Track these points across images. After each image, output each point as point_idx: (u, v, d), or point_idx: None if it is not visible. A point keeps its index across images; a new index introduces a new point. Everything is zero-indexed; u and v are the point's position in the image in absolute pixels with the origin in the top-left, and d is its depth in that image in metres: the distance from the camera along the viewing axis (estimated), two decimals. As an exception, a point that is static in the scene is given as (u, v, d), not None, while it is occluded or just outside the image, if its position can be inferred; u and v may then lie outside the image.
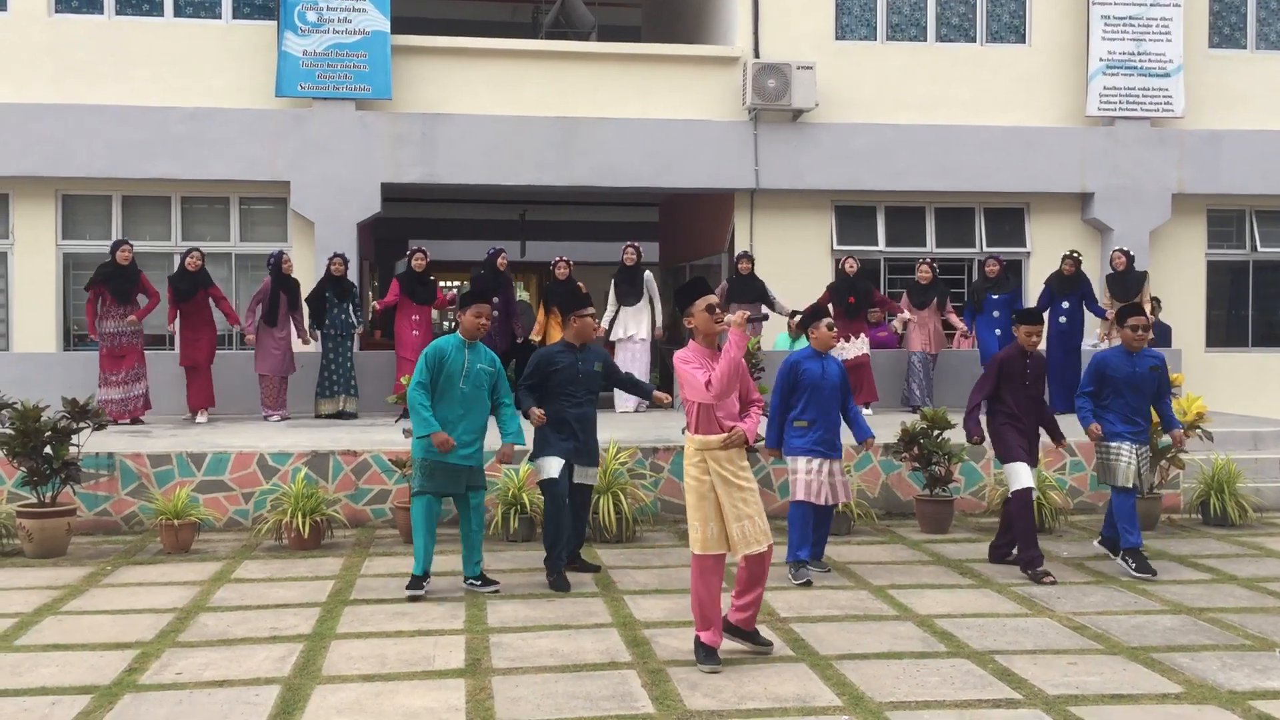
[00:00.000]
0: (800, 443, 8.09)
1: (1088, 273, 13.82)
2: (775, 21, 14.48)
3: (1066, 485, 10.48)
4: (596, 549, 8.98)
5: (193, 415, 12.42)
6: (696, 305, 6.13)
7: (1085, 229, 15.23)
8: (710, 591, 6.12)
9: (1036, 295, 13.77)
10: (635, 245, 13.58)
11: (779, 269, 14.12)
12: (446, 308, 13.30)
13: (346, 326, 12.74)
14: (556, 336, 11.13)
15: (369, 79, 13.68)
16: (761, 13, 14.47)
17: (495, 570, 8.10)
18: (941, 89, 14.78)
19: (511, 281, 13.99)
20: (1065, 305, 13.07)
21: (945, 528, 9.83)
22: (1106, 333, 13.35)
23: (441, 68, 14.13)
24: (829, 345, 8.19)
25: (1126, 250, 13.37)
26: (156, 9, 13.74)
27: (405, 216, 19.61)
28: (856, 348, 12.83)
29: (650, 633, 6.69)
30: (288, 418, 12.58)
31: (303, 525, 8.91)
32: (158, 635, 6.66)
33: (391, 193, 14.34)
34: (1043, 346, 9.07)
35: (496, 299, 13.20)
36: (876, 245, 15.01)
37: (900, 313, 13.19)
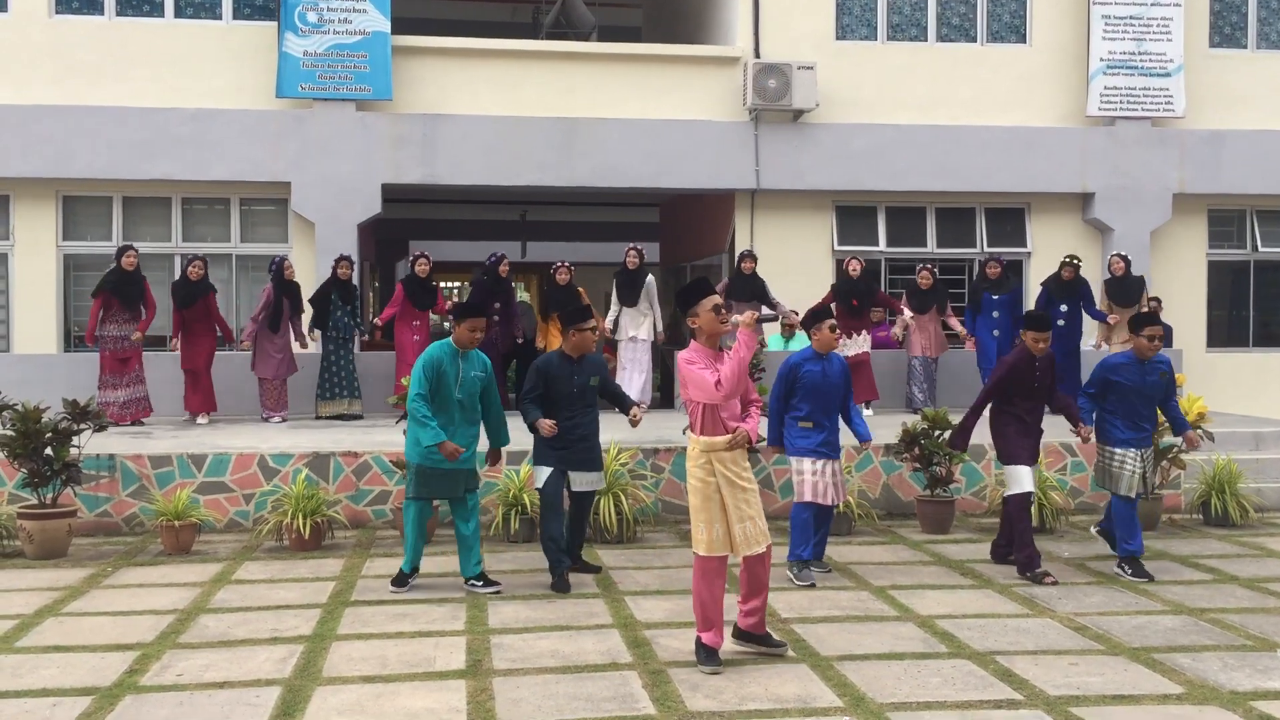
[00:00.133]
0: (805, 444, 8.09)
1: (1088, 274, 13.84)
2: (776, 22, 14.47)
3: (1067, 485, 10.48)
4: (597, 550, 8.99)
5: (193, 416, 12.43)
6: (702, 305, 6.07)
7: (1086, 229, 15.22)
8: (713, 593, 6.12)
9: (1034, 297, 13.81)
10: (638, 249, 13.55)
11: (780, 269, 14.11)
12: (447, 316, 13.29)
13: (349, 329, 12.77)
14: (557, 342, 11.11)
15: (369, 80, 13.68)
16: (762, 13, 14.47)
17: (496, 571, 8.11)
18: (942, 89, 14.77)
19: (512, 286, 13.97)
20: (1063, 308, 13.07)
21: (946, 528, 9.83)
22: (1105, 336, 13.34)
23: (442, 68, 14.12)
24: (831, 347, 8.18)
25: (1125, 255, 13.36)
26: (157, 10, 13.74)
27: (406, 217, 19.60)
28: (858, 345, 12.86)
29: (651, 634, 6.69)
30: (288, 419, 12.59)
31: (303, 526, 8.92)
32: (158, 636, 6.66)
33: (392, 193, 14.34)
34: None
35: (498, 304, 13.22)
36: (877, 245, 15.01)
37: (901, 313, 13.17)
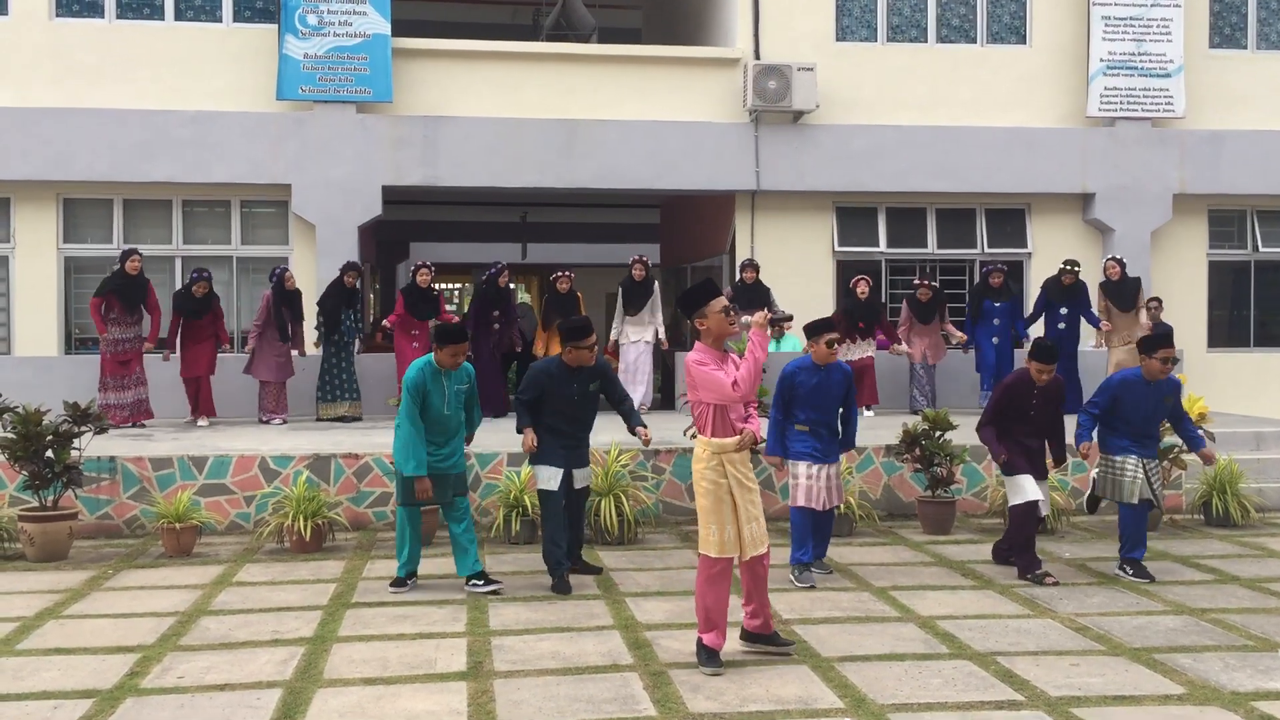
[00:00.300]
0: (801, 447, 8.08)
1: (1089, 274, 13.83)
2: (776, 23, 14.48)
3: (1069, 486, 10.47)
4: (598, 551, 8.98)
5: (193, 419, 12.43)
6: (711, 307, 6.05)
7: (1086, 229, 15.22)
8: (720, 596, 6.11)
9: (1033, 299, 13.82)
10: (644, 260, 13.53)
11: (780, 270, 14.12)
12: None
13: (350, 332, 12.80)
14: (557, 348, 11.08)
15: (370, 82, 13.68)
16: (762, 14, 14.47)
17: (497, 573, 8.09)
18: (942, 90, 14.78)
19: (511, 294, 13.96)
20: (1063, 311, 13.08)
21: (947, 529, 9.82)
22: (1103, 339, 13.36)
23: (442, 70, 14.13)
24: (828, 360, 8.14)
25: (1120, 259, 13.35)
26: (157, 12, 13.75)
27: (406, 219, 19.60)
28: (861, 349, 12.91)
29: (652, 635, 6.69)
30: (288, 421, 12.59)
31: (304, 528, 8.92)
32: (159, 639, 6.66)
33: (392, 195, 14.34)
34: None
35: (497, 312, 13.23)
36: (878, 246, 15.01)
37: (900, 343, 13.20)
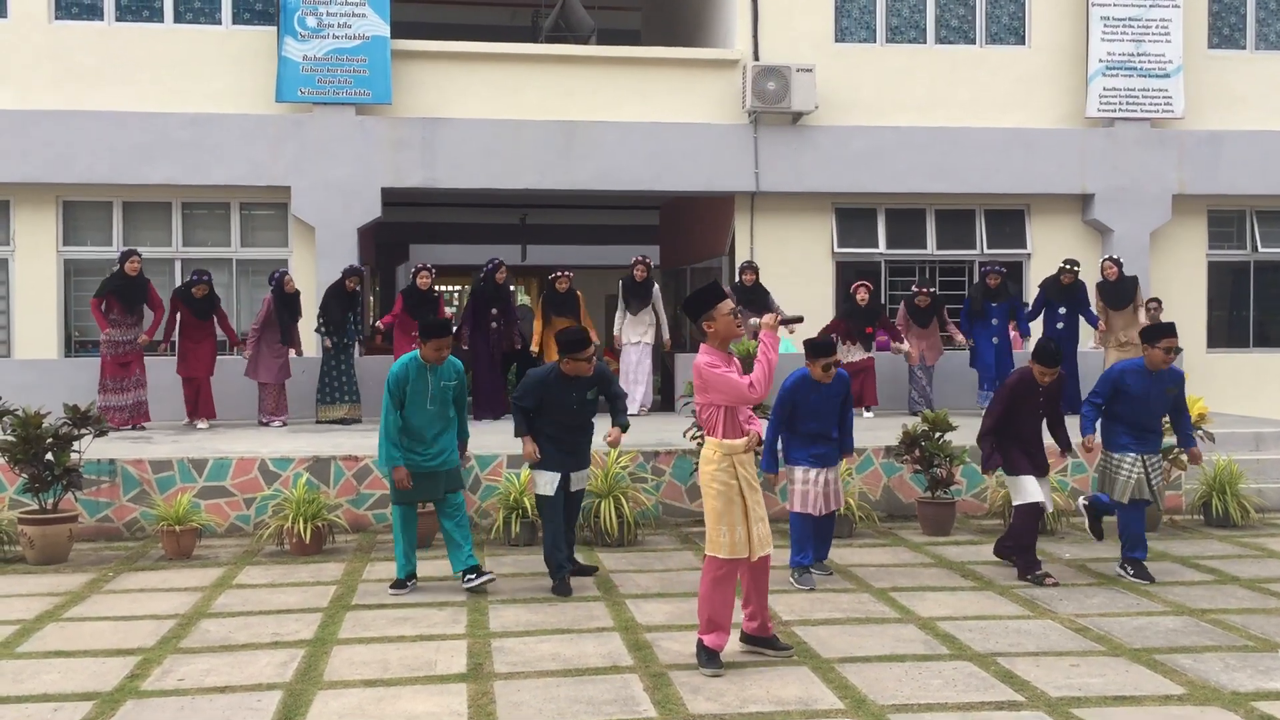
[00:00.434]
0: (798, 453, 8.08)
1: (1089, 274, 13.83)
2: (774, 24, 14.47)
3: (1068, 486, 10.47)
4: (598, 552, 8.98)
5: (191, 421, 12.43)
6: (719, 309, 6.06)
7: (1086, 230, 15.22)
8: (725, 597, 6.13)
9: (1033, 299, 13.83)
10: (645, 260, 13.52)
11: (780, 271, 14.12)
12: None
13: (350, 334, 12.82)
14: (554, 349, 11.06)
15: (369, 84, 13.68)
16: (761, 15, 14.47)
17: (497, 574, 8.08)
18: (941, 91, 14.77)
19: (510, 292, 13.95)
20: (1061, 310, 13.08)
21: (947, 530, 9.83)
22: (1101, 339, 13.37)
23: (441, 72, 14.13)
24: (826, 380, 8.11)
25: (1117, 259, 13.36)
26: (156, 14, 13.74)
27: (406, 221, 19.59)
28: (861, 351, 12.94)
29: (652, 636, 6.69)
30: (288, 423, 12.59)
31: (304, 530, 8.92)
32: (159, 641, 6.66)
33: (392, 197, 14.33)
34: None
35: (495, 309, 13.22)
36: (877, 247, 15.00)
37: (902, 343, 13.23)
